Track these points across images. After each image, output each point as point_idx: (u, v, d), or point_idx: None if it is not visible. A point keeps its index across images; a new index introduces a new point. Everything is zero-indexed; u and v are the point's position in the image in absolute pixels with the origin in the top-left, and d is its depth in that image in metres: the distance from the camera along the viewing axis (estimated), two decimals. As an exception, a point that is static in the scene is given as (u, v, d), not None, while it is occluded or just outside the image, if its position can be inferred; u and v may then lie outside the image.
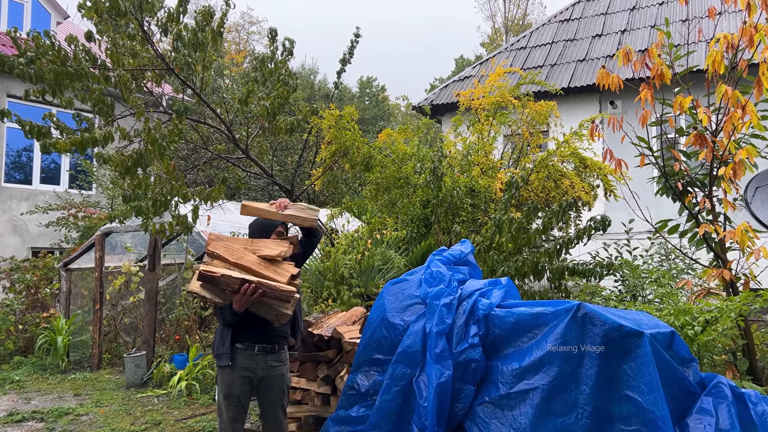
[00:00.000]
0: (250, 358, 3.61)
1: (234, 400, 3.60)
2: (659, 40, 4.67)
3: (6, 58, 4.88)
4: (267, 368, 3.66)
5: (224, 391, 3.61)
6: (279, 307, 3.46)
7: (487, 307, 3.57)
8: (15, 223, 12.91)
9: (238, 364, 3.59)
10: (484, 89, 8.24)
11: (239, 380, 3.60)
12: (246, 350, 3.61)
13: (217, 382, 3.71)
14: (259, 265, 3.45)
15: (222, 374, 3.63)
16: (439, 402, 3.35)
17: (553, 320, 3.29)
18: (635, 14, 13.39)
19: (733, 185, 4.59)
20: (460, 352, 3.45)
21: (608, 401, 3.00)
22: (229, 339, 3.60)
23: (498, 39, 33.29)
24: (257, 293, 3.36)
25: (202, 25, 5.53)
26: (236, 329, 3.60)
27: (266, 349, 3.65)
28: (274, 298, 3.43)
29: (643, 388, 2.90)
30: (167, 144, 5.00)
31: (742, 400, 3.07)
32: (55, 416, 6.18)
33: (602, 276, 5.66)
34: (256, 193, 14.04)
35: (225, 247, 3.45)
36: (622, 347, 3.01)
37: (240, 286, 3.34)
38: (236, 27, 32.28)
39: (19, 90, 12.43)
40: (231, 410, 3.60)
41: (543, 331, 3.32)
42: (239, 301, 3.39)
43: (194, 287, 3.40)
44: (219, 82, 20.50)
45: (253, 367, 3.62)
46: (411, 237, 6.97)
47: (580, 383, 3.06)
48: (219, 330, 3.69)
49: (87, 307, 9.43)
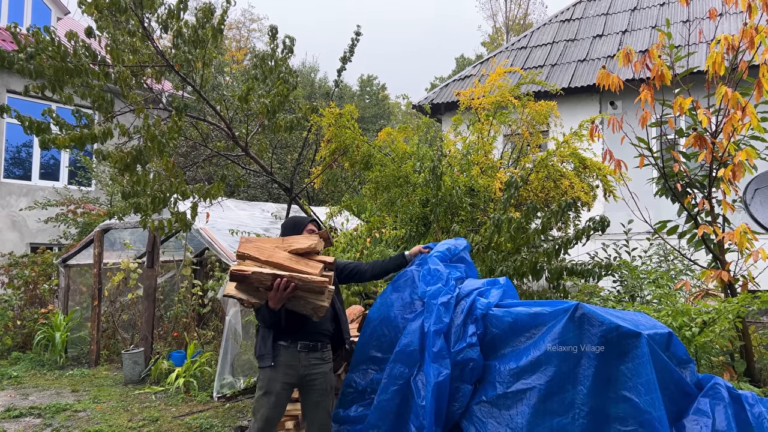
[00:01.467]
0: (293, 355, 3.60)
1: (272, 399, 3.56)
2: (660, 41, 4.67)
3: (6, 53, 4.87)
4: (309, 366, 3.63)
5: (264, 389, 3.57)
6: (314, 300, 3.44)
7: (485, 307, 3.57)
8: (14, 218, 12.90)
9: (281, 362, 3.58)
10: (484, 89, 8.23)
11: (281, 377, 3.57)
12: (288, 347, 3.60)
13: (258, 382, 3.68)
14: (290, 261, 3.42)
15: (263, 373, 3.61)
16: (436, 401, 3.34)
17: (551, 320, 3.28)
18: (636, 15, 13.38)
19: (732, 187, 4.59)
20: (458, 352, 3.45)
21: (605, 402, 3.00)
22: (270, 339, 3.59)
23: (499, 38, 33.28)
24: (290, 287, 3.33)
25: (203, 22, 5.52)
26: (278, 329, 3.59)
27: (309, 346, 3.64)
28: (307, 291, 3.41)
29: (640, 388, 2.90)
30: (167, 141, 4.99)
31: (738, 401, 3.07)
32: (53, 412, 6.18)
33: (601, 276, 5.66)
34: (256, 190, 14.04)
35: (255, 248, 3.44)
36: (619, 348, 3.01)
37: (272, 281, 3.33)
38: (237, 24, 32.25)
39: (19, 85, 12.45)
40: (268, 409, 3.55)
41: (541, 331, 3.32)
42: (274, 297, 3.37)
43: (230, 290, 3.39)
44: (219, 79, 20.48)
45: (295, 364, 3.59)
46: (410, 236, 6.97)
47: (578, 383, 3.06)
48: (260, 332, 3.70)
49: (85, 304, 9.43)
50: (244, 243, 3.48)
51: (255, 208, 9.61)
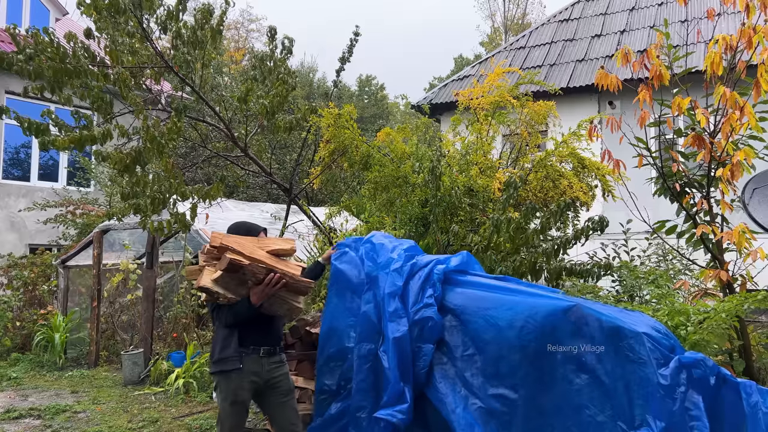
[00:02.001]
0: (256, 361, 3.49)
1: (240, 407, 3.48)
2: (658, 41, 4.67)
3: (5, 54, 4.87)
4: (271, 370, 3.57)
5: (230, 399, 3.44)
6: (292, 301, 3.44)
7: (442, 272, 3.59)
8: (13, 219, 12.90)
9: (246, 369, 3.45)
10: (483, 89, 8.24)
11: (247, 386, 3.47)
12: (251, 354, 3.48)
13: (219, 390, 3.53)
14: (271, 260, 3.38)
15: (227, 380, 3.44)
16: (399, 358, 3.33)
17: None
18: (634, 14, 13.40)
19: (730, 186, 4.59)
20: (415, 311, 3.44)
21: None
22: (235, 342, 3.44)
23: (497, 38, 33.30)
24: (281, 283, 3.31)
25: (202, 23, 5.53)
26: (241, 331, 3.46)
27: (270, 351, 3.57)
28: (293, 290, 3.41)
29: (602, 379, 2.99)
30: (166, 142, 5.00)
31: (735, 389, 3.07)
32: (53, 413, 6.18)
33: (600, 276, 5.67)
34: (255, 191, 14.05)
35: (236, 243, 3.35)
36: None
37: (266, 275, 3.29)
38: (235, 25, 32.25)
39: (17, 86, 12.41)
40: (236, 417, 3.47)
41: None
42: (260, 292, 3.32)
43: (205, 282, 3.27)
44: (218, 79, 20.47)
45: (259, 371, 3.51)
46: (409, 236, 6.96)
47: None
48: (220, 334, 3.50)
49: (85, 305, 9.43)
50: (222, 237, 3.37)
51: (254, 209, 9.62)
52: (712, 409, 3.00)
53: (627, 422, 2.97)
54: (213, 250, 3.32)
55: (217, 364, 3.46)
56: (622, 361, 3.05)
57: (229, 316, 3.43)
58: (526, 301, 3.37)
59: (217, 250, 3.32)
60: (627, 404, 2.99)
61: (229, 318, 3.43)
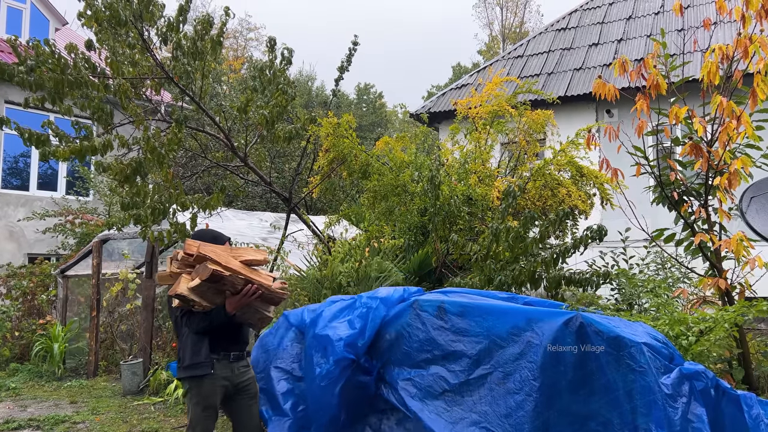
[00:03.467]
0: (226, 366, 3.59)
1: (212, 411, 3.58)
2: (655, 51, 4.70)
3: (6, 66, 4.90)
4: (240, 374, 3.69)
5: (203, 404, 3.52)
6: (264, 310, 3.60)
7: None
8: (12, 229, 12.89)
9: (217, 374, 3.54)
10: (481, 98, 8.29)
11: (219, 390, 3.57)
12: (222, 359, 3.57)
13: (190, 397, 3.59)
14: (245, 270, 3.49)
15: (199, 386, 3.52)
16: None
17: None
18: (631, 24, 13.48)
19: (728, 195, 4.61)
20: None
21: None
22: (206, 348, 3.51)
23: (495, 47, 33.45)
24: (257, 294, 3.43)
25: (202, 34, 5.57)
26: (212, 337, 3.54)
27: (238, 356, 3.70)
28: (266, 300, 3.55)
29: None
30: (166, 152, 5.02)
31: (736, 402, 3.08)
32: (52, 424, 6.16)
33: (599, 285, 5.68)
34: (254, 200, 14.06)
35: (213, 252, 3.43)
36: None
37: (244, 286, 3.40)
38: (234, 33, 32.36)
39: (17, 96, 12.46)
40: (208, 421, 3.56)
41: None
42: (237, 302, 3.43)
43: (182, 290, 3.33)
44: (217, 89, 20.52)
45: (230, 375, 3.61)
46: (408, 245, 6.99)
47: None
48: (189, 339, 3.55)
49: (84, 314, 9.41)
50: (198, 245, 3.41)
51: (253, 218, 9.63)
52: (714, 422, 3.00)
53: (632, 431, 2.97)
54: (188, 258, 3.38)
55: (188, 370, 3.53)
56: (624, 370, 3.06)
57: (203, 324, 3.50)
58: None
59: (193, 258, 3.37)
60: (630, 413, 2.99)
61: (202, 325, 3.50)
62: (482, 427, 3.26)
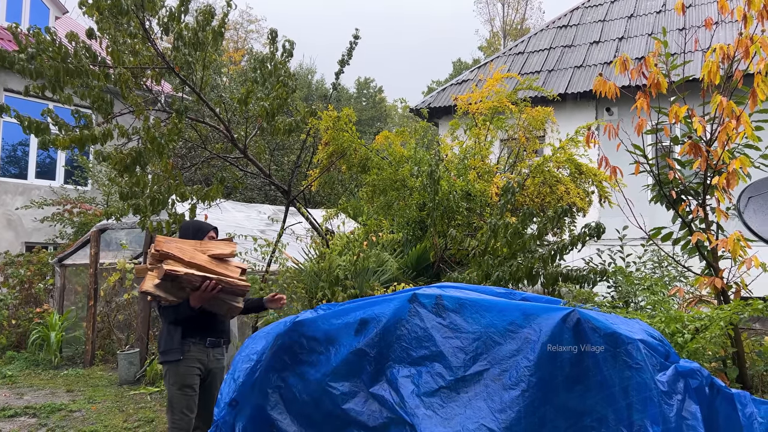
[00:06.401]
0: (201, 350, 3.87)
1: (189, 390, 3.80)
2: (656, 49, 4.70)
3: (6, 53, 4.88)
4: (214, 361, 3.96)
5: (180, 383, 3.79)
6: (231, 302, 3.79)
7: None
8: (9, 217, 12.88)
9: (192, 356, 3.83)
10: (481, 94, 8.28)
11: (194, 370, 3.83)
12: (197, 344, 3.86)
13: (167, 379, 3.87)
14: (211, 263, 3.67)
15: (175, 368, 3.80)
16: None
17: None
18: (633, 22, 13.47)
19: (726, 194, 4.62)
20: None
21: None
22: (178, 335, 3.81)
23: (496, 43, 33.40)
24: (216, 289, 3.63)
25: (203, 25, 5.55)
26: (187, 325, 3.81)
27: (214, 342, 3.95)
28: (229, 293, 3.74)
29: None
30: (166, 143, 5.02)
31: (730, 400, 3.10)
32: (48, 412, 6.18)
33: (596, 282, 5.70)
34: (252, 192, 14.05)
35: (178, 248, 3.62)
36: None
37: (201, 283, 3.58)
38: (235, 25, 32.28)
39: (16, 84, 12.43)
40: (187, 400, 3.78)
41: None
42: (198, 297, 3.65)
43: (148, 287, 3.57)
44: (217, 80, 20.48)
45: (204, 359, 3.89)
46: (406, 240, 7.00)
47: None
48: (165, 328, 3.88)
49: (81, 304, 9.42)
50: (166, 242, 3.62)
51: (252, 210, 9.63)
52: (708, 419, 3.02)
53: (627, 427, 2.98)
54: (157, 254, 3.57)
55: (163, 355, 3.87)
56: (620, 367, 3.07)
57: (172, 316, 3.80)
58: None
59: (159, 255, 3.57)
60: (626, 409, 3.01)
61: (171, 317, 3.81)
62: (477, 422, 3.27)
